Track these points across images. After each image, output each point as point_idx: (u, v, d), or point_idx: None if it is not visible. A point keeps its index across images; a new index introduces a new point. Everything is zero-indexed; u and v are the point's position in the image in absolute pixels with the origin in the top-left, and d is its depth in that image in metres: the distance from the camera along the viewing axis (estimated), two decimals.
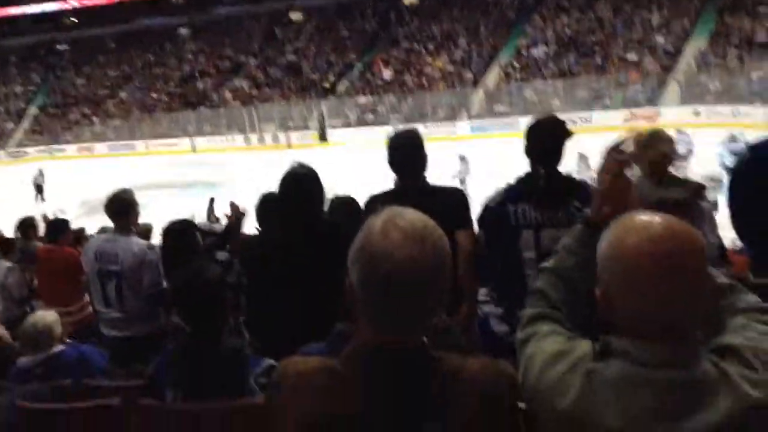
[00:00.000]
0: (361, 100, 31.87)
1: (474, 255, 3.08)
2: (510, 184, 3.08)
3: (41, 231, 6.95)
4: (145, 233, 7.24)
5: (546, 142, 2.93)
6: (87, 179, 25.38)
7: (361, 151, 24.47)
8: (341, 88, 33.41)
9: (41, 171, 24.65)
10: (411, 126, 3.26)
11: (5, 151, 37.72)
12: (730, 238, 3.20)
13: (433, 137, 27.17)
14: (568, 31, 29.84)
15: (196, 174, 25.99)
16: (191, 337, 2.53)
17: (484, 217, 3.11)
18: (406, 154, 3.14)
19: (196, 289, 2.54)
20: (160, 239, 4.48)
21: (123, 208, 4.06)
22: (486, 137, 25.88)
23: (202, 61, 39.72)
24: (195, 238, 4.38)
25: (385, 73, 32.66)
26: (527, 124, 3.04)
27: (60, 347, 3.27)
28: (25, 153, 37.29)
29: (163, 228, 4.33)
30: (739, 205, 2.87)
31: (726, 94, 23.58)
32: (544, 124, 2.98)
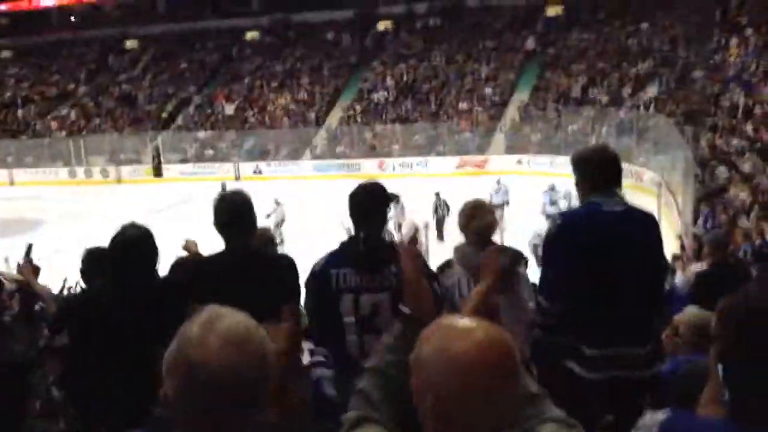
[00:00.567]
0: (201, 134, 31.06)
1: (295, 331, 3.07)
2: (334, 248, 3.12)
3: None
4: None
5: (366, 207, 3.00)
6: None
7: (197, 188, 23.78)
8: (179, 122, 32.38)
9: None
10: (239, 188, 3.24)
11: None
12: None
13: (276, 176, 27.16)
14: (406, 78, 31.19)
15: (13, 210, 23.87)
16: None
17: (309, 282, 3.10)
18: (235, 216, 3.02)
19: None
20: None
21: None
22: (328, 178, 26.16)
23: (26, 87, 36.81)
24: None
25: (226, 108, 32.14)
26: (351, 191, 3.08)
27: None
28: None
29: None
30: (549, 270, 3.10)
31: (545, 144, 25.71)
32: (365, 189, 3.05)
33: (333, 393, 3.06)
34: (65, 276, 4.88)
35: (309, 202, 21.59)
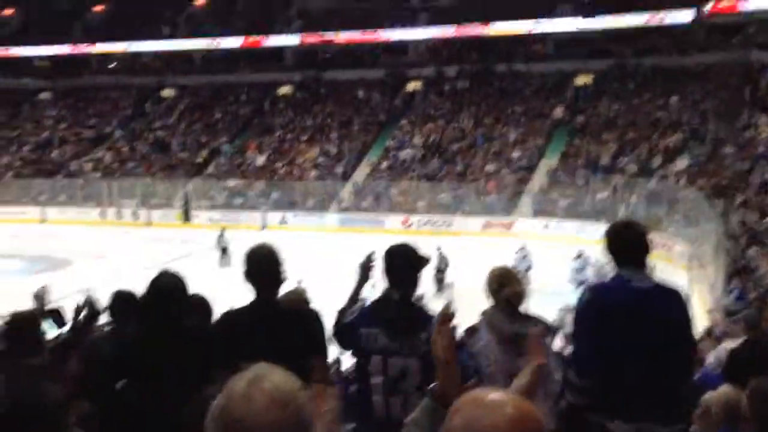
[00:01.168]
0: (230, 183, 31.56)
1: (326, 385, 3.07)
2: (364, 305, 3.14)
3: None
4: None
5: (401, 269, 3.03)
6: None
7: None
8: (210, 170, 32.97)
9: None
10: (266, 243, 3.28)
11: None
12: None
13: (302, 226, 27.40)
14: (433, 138, 31.58)
15: (43, 247, 24.29)
16: None
17: (338, 337, 3.13)
18: (264, 269, 3.03)
19: (30, 416, 2.33)
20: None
21: None
22: (353, 231, 26.34)
23: (63, 128, 37.86)
24: (39, 335, 4.08)
25: (257, 159, 32.71)
26: (386, 249, 3.10)
27: None
28: None
29: (5, 321, 3.99)
30: (583, 344, 3.10)
31: (573, 210, 25.69)
32: (400, 250, 3.09)
33: None
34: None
35: (332, 254, 21.71)
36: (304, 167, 31.58)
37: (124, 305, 3.77)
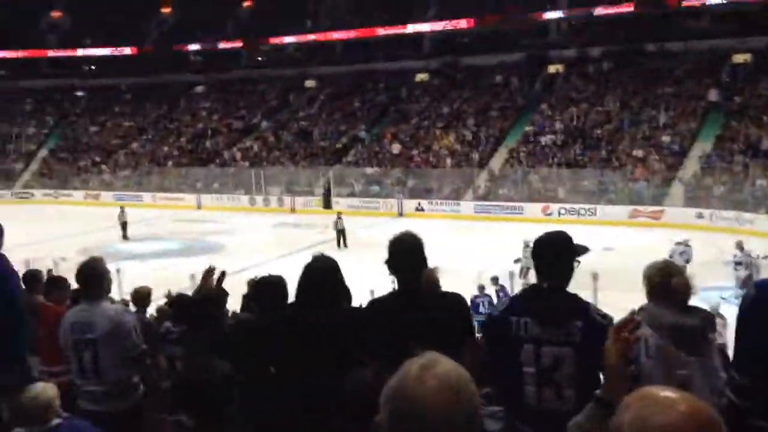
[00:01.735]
0: (368, 170, 32.24)
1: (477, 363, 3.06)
2: (514, 294, 3.08)
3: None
4: (144, 297, 7.17)
5: (552, 259, 2.95)
6: (90, 227, 25.43)
7: (361, 222, 24.62)
8: (349, 158, 33.87)
9: (123, 210, 24.86)
10: (408, 231, 3.30)
11: (12, 192, 37.87)
12: None
13: (437, 214, 27.50)
14: (575, 122, 30.47)
15: (199, 231, 26.08)
16: None
17: (488, 326, 3.11)
18: (409, 258, 3.09)
19: (200, 389, 2.48)
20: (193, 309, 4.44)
21: (93, 277, 4.05)
22: (489, 219, 26.05)
23: (216, 120, 40.41)
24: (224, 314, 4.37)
25: (393, 147, 33.16)
26: (536, 237, 3.05)
27: (56, 421, 3.18)
28: (31, 195, 37.49)
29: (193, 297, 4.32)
30: (746, 344, 2.87)
31: (730, 198, 23.85)
32: (551, 239, 3.00)
33: (496, 428, 3.02)
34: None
35: (468, 241, 21.61)
36: (441, 154, 31.60)
37: (265, 291, 3.90)
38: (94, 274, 4.05)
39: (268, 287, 3.92)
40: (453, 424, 1.22)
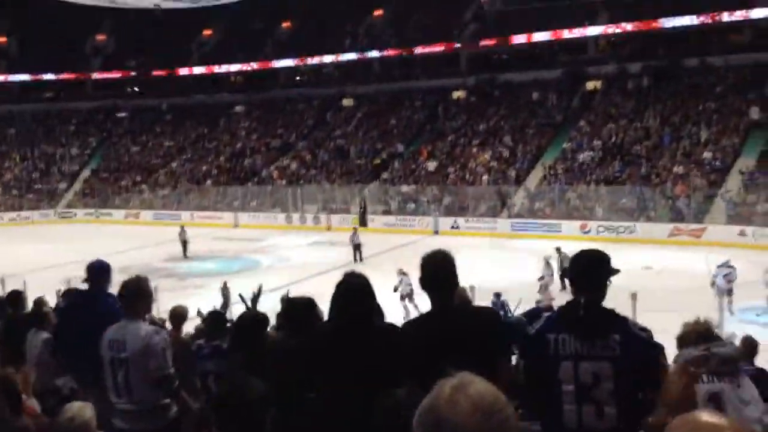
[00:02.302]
0: (404, 188, 32.27)
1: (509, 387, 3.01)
2: (551, 313, 3.04)
3: None
4: (180, 316, 7.23)
5: (588, 274, 2.92)
6: (130, 245, 25.94)
7: (398, 239, 24.59)
8: (385, 175, 33.95)
9: (184, 228, 25.48)
10: (440, 249, 3.29)
11: (55, 211, 38.88)
12: None
13: (473, 232, 27.34)
14: (614, 138, 30.07)
15: (236, 250, 26.38)
16: None
17: (525, 347, 3.07)
18: (440, 275, 3.06)
19: (235, 408, 2.50)
20: (233, 330, 4.48)
21: (134, 295, 4.12)
22: (526, 237, 25.79)
23: (254, 139, 40.97)
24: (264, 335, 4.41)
25: (429, 165, 33.16)
26: (573, 255, 3.03)
27: None
28: (74, 214, 38.44)
29: (237, 319, 4.35)
30: None
31: None
32: (587, 256, 2.98)
33: None
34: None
35: (505, 260, 21.42)
36: (477, 171, 31.46)
37: (296, 312, 3.90)
38: (135, 292, 4.12)
39: (297, 309, 3.94)
40: None
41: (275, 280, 17.20)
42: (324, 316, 3.76)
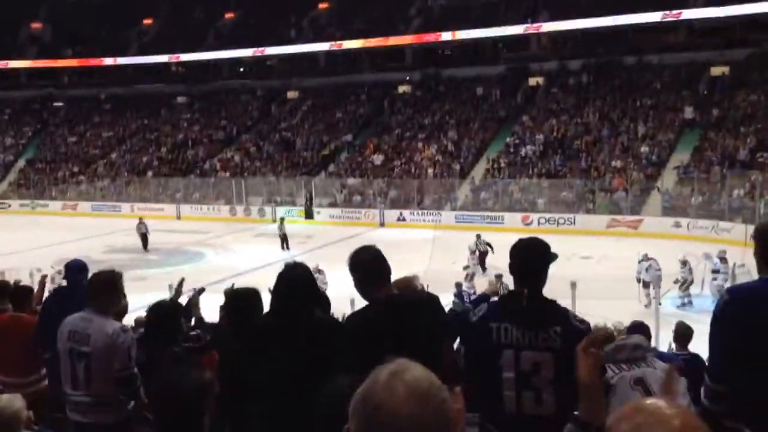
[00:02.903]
0: (350, 181, 32.23)
1: (451, 368, 3.03)
2: (493, 300, 3.07)
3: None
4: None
5: (529, 263, 2.95)
6: (68, 237, 25.16)
7: (343, 231, 24.58)
8: (331, 168, 33.83)
9: (142, 221, 24.74)
10: (368, 246, 3.31)
11: None
12: None
13: (419, 224, 27.53)
14: (555, 133, 30.72)
15: (177, 242, 25.87)
16: None
17: (465, 333, 3.08)
18: (373, 271, 3.07)
19: (173, 399, 2.44)
20: (145, 317, 4.42)
21: (104, 289, 3.96)
22: (470, 229, 26.08)
23: (196, 130, 40.20)
24: (180, 324, 4.33)
25: (375, 158, 33.19)
26: (513, 244, 3.04)
27: None
28: (8, 205, 37.00)
29: (150, 307, 4.28)
30: (716, 348, 2.89)
31: (707, 208, 24.13)
32: (528, 245, 3.01)
33: None
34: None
35: (449, 251, 21.63)
36: (422, 165, 31.68)
37: (239, 304, 3.86)
38: (104, 286, 3.95)
39: (241, 299, 3.89)
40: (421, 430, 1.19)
41: (219, 272, 16.96)
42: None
